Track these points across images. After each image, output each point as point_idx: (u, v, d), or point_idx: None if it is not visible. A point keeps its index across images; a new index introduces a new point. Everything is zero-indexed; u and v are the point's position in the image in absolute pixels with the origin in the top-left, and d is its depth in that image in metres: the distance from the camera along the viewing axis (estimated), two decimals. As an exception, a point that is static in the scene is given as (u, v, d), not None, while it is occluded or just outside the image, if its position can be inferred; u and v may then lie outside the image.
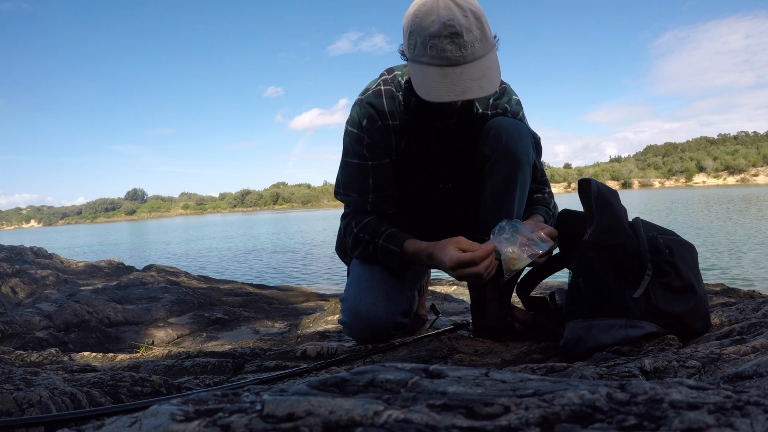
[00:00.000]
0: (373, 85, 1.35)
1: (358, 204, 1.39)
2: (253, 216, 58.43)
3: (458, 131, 1.38)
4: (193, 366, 1.30)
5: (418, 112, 1.32)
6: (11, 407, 0.76)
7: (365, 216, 1.39)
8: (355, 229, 1.40)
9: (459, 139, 1.39)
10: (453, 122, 1.35)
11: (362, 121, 1.33)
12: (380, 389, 0.31)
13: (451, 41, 1.07)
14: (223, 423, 0.26)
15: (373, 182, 1.36)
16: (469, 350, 1.28)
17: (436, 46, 1.08)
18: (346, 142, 1.39)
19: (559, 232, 1.23)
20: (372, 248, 1.35)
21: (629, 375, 0.74)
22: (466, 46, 1.08)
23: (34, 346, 1.78)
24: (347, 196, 1.41)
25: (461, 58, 1.09)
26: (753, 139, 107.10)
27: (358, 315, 1.35)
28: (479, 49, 1.10)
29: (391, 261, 1.32)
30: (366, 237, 1.36)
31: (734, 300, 1.69)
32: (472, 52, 1.09)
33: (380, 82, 1.35)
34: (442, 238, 1.55)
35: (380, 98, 1.33)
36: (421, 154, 1.39)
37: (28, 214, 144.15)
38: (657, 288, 1.02)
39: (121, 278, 3.67)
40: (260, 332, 2.22)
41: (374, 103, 1.32)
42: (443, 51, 1.08)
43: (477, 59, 1.10)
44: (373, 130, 1.32)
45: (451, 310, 2.30)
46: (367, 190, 1.37)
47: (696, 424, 0.23)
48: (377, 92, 1.33)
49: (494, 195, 1.33)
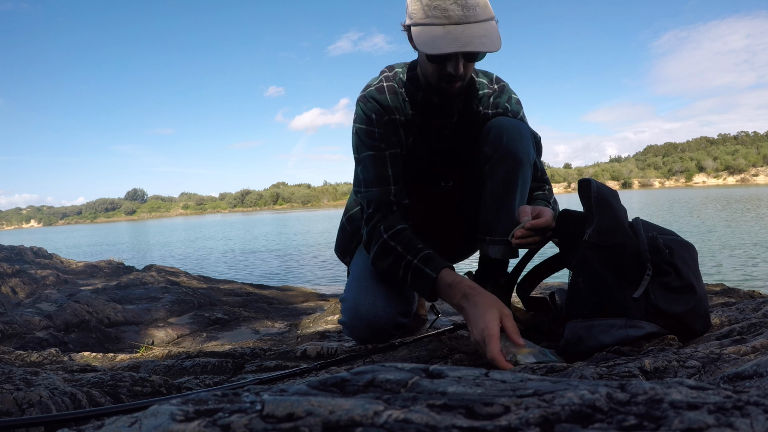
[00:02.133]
0: (375, 82, 1.36)
1: (380, 197, 1.30)
2: (253, 216, 58.43)
3: (459, 130, 1.38)
4: (193, 366, 1.30)
5: (422, 108, 1.32)
6: (11, 407, 0.76)
7: (394, 218, 1.29)
8: (385, 235, 1.26)
9: (460, 138, 1.39)
10: (454, 120, 1.36)
11: (371, 115, 1.32)
12: (380, 389, 0.31)
13: (455, 1, 1.11)
14: (223, 423, 0.26)
15: (392, 172, 1.32)
16: (469, 350, 1.28)
17: (440, 6, 1.11)
18: (356, 141, 1.36)
19: (558, 232, 1.24)
20: (405, 265, 1.21)
21: (629, 375, 0.74)
22: (468, 7, 1.11)
23: (34, 346, 1.78)
24: (368, 191, 1.32)
25: (464, 18, 1.12)
26: (753, 139, 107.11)
27: (358, 315, 1.35)
28: (481, 12, 1.13)
29: (422, 286, 1.18)
30: (399, 249, 1.23)
31: (734, 300, 1.69)
32: (474, 14, 1.12)
33: (382, 78, 1.36)
34: (441, 236, 1.55)
35: (383, 94, 1.33)
36: (425, 152, 1.39)
37: (28, 214, 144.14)
38: (657, 288, 1.02)
39: (121, 278, 3.67)
40: (260, 332, 2.22)
41: (378, 99, 1.32)
42: (446, 10, 1.11)
43: (480, 21, 1.13)
44: (383, 123, 1.32)
45: (451, 310, 2.30)
46: (388, 180, 1.31)
47: (696, 424, 0.23)
48: (380, 88, 1.33)
49: (495, 194, 1.33)
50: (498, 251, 1.38)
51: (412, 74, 1.34)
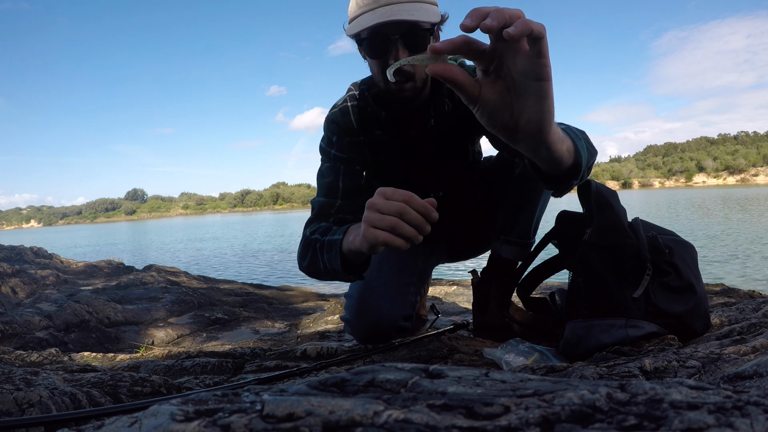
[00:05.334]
0: (340, 102, 1.28)
1: (322, 206, 1.24)
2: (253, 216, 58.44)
3: (440, 137, 1.28)
4: (193, 366, 1.30)
5: (391, 124, 1.24)
6: (11, 407, 0.76)
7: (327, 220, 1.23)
8: (307, 232, 1.20)
9: (443, 144, 1.30)
10: (432, 126, 1.25)
11: (332, 137, 1.27)
12: (380, 389, 0.31)
13: None
14: (223, 423, 0.26)
15: (343, 186, 1.25)
16: (469, 350, 1.28)
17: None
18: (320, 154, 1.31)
19: (558, 233, 1.24)
20: (319, 248, 1.10)
21: (629, 375, 0.74)
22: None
23: (34, 346, 1.78)
24: (317, 198, 1.27)
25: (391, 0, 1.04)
26: (753, 139, 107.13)
27: (361, 315, 1.35)
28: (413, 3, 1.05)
29: (334, 256, 1.04)
30: (315, 235, 1.14)
31: (734, 300, 1.69)
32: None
33: (347, 98, 1.28)
34: (444, 244, 1.55)
35: (347, 115, 1.25)
36: (399, 168, 1.31)
37: (28, 214, 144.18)
38: (657, 288, 1.02)
39: (121, 278, 3.67)
40: (260, 332, 2.22)
41: (340, 122, 1.26)
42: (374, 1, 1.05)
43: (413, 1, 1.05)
44: (344, 145, 1.26)
45: (451, 310, 2.30)
46: (336, 193, 1.24)
47: (696, 424, 0.23)
48: (344, 109, 1.26)
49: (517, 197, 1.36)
50: (510, 251, 1.41)
51: (376, 90, 1.24)
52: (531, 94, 0.58)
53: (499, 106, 0.60)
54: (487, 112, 0.61)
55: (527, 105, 0.59)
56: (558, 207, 1.43)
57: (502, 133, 0.63)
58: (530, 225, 1.41)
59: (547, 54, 0.56)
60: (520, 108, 0.60)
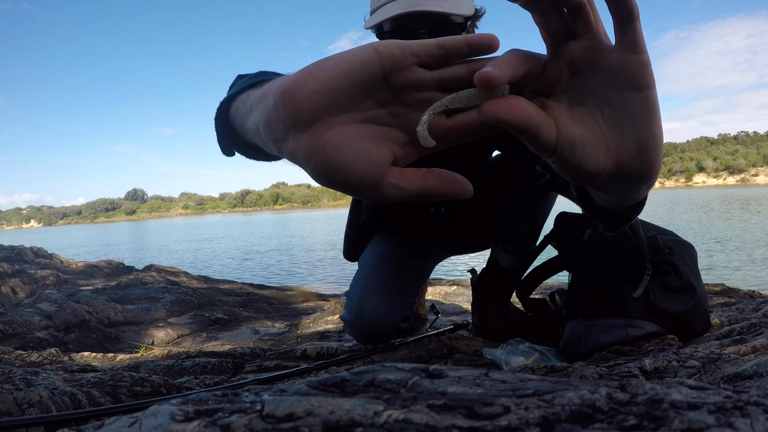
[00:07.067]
0: None
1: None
2: (253, 216, 58.41)
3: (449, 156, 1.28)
4: (193, 366, 1.30)
5: None
6: (11, 407, 0.76)
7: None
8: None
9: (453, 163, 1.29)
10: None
11: None
12: (380, 389, 0.31)
13: None
14: (223, 423, 0.26)
15: None
16: (469, 350, 1.28)
17: None
18: None
19: (557, 234, 1.24)
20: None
21: (629, 375, 0.74)
22: None
23: (34, 346, 1.78)
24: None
25: None
26: (753, 139, 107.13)
27: (361, 316, 1.35)
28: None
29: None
30: None
31: (734, 300, 1.69)
32: None
33: None
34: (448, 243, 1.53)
35: None
36: None
37: (28, 214, 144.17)
38: (657, 288, 1.02)
39: (121, 278, 3.67)
40: (260, 332, 2.22)
41: None
42: None
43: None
44: None
45: (451, 310, 2.30)
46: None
47: (696, 424, 0.23)
48: None
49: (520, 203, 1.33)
50: (508, 261, 1.37)
51: None
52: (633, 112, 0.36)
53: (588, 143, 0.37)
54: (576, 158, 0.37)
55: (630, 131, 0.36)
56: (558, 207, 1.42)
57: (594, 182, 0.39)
58: (530, 234, 1.37)
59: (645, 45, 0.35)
60: (620, 138, 0.37)
